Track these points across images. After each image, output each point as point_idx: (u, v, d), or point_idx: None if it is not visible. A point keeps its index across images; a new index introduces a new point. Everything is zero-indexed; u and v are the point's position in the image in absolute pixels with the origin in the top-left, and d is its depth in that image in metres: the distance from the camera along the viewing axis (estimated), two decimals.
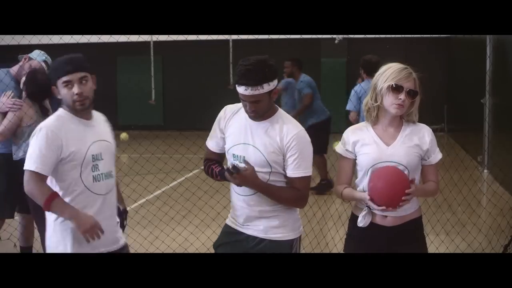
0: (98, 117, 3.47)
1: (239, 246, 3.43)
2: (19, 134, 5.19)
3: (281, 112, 3.41)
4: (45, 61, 5.51)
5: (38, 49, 5.62)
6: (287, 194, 3.36)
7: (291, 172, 3.34)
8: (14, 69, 5.48)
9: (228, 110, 3.48)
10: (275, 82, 3.30)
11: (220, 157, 3.53)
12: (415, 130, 3.32)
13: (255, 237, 3.40)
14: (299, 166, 3.33)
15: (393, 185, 3.15)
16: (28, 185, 3.21)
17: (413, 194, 3.17)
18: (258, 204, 3.37)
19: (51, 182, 3.26)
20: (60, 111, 3.35)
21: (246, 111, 3.33)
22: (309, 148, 3.37)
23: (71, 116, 3.31)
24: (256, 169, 3.32)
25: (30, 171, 3.20)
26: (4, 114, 5.20)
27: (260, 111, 3.30)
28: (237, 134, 3.40)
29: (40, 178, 3.19)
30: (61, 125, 3.28)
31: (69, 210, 3.19)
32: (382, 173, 3.20)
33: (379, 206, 3.19)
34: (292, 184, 3.37)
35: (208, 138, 3.54)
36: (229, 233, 3.50)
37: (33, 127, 5.11)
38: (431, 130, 3.35)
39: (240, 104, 3.43)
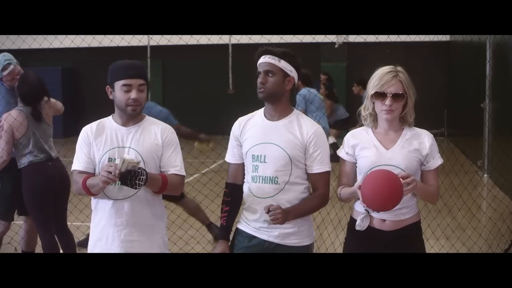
0: (147, 126, 3.39)
1: (255, 251, 3.38)
2: (17, 146, 5.07)
3: (296, 111, 3.45)
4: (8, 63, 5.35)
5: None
6: (314, 202, 3.39)
7: (316, 167, 3.35)
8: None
9: (241, 119, 3.50)
10: (293, 70, 3.36)
11: (243, 170, 3.49)
12: (415, 134, 3.32)
13: (271, 242, 3.37)
14: (322, 161, 3.36)
15: (382, 192, 3.04)
16: (72, 185, 3.40)
17: (413, 184, 3.08)
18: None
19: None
20: (107, 118, 3.42)
21: (258, 88, 3.35)
22: (327, 145, 3.44)
23: (112, 121, 3.39)
24: (276, 169, 3.32)
25: (72, 172, 3.38)
26: None
27: (269, 87, 3.33)
28: (255, 136, 3.40)
29: (78, 175, 3.32)
30: (97, 125, 3.38)
31: (92, 181, 3.26)
32: (370, 179, 3.11)
33: (374, 211, 3.19)
34: (314, 181, 3.38)
35: (227, 154, 3.54)
36: (244, 237, 3.44)
37: (28, 134, 5.06)
38: (432, 135, 3.35)
39: (253, 113, 3.47)
